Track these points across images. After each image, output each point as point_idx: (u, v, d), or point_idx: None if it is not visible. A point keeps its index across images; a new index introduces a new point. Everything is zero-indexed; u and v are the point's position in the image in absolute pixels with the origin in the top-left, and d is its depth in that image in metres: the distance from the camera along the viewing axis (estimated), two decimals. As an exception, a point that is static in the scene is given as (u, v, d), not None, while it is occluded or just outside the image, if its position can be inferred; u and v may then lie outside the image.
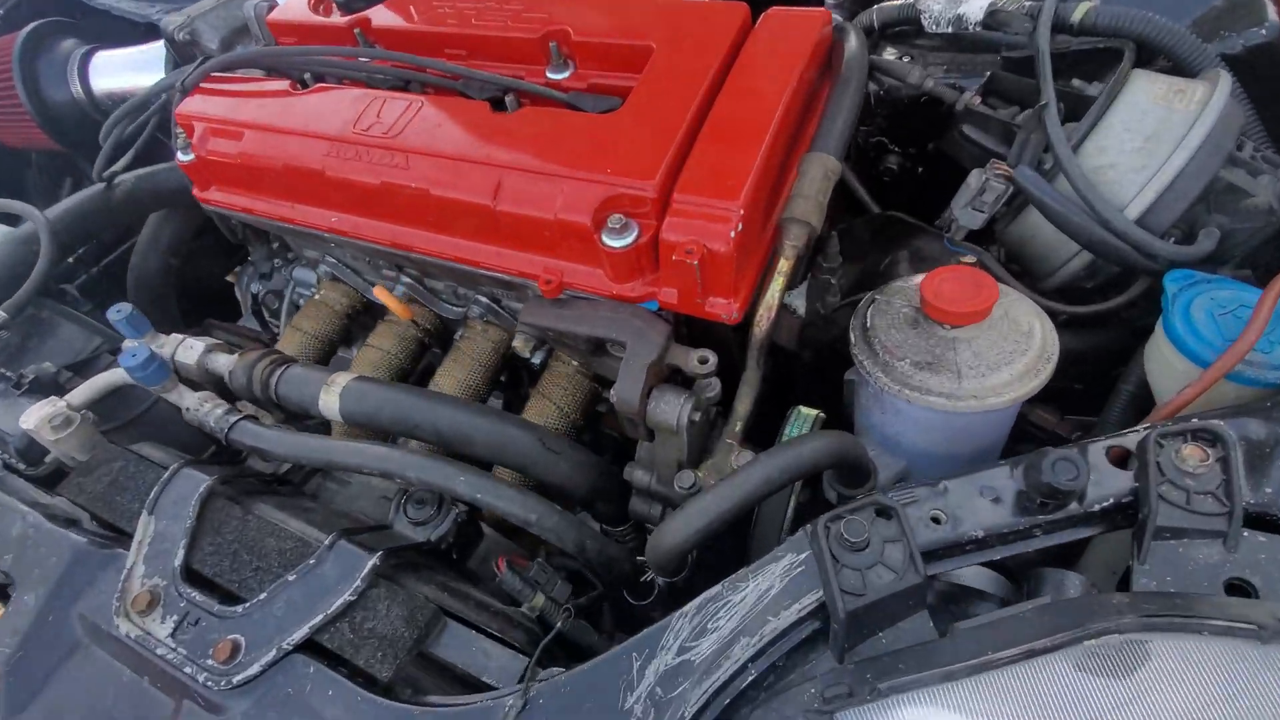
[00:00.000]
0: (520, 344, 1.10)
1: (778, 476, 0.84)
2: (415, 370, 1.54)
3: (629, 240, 0.96)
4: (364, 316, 1.65)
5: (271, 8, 1.53)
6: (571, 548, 0.96)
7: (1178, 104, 0.92)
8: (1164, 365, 0.90)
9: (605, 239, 0.97)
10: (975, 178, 1.04)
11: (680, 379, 1.00)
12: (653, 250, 0.99)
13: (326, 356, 1.56)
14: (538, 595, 0.95)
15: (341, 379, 1.12)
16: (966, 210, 1.02)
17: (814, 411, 1.07)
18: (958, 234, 1.03)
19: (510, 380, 1.68)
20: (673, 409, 0.95)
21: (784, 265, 0.97)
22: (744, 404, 1.03)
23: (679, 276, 0.97)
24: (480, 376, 1.41)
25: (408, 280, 1.48)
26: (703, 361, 0.96)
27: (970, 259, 1.04)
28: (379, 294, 1.29)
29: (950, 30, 1.12)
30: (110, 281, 1.88)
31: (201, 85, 1.41)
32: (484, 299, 1.40)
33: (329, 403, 1.10)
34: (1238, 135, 0.92)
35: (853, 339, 0.96)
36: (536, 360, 1.19)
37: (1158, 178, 0.91)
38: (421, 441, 1.16)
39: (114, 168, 1.57)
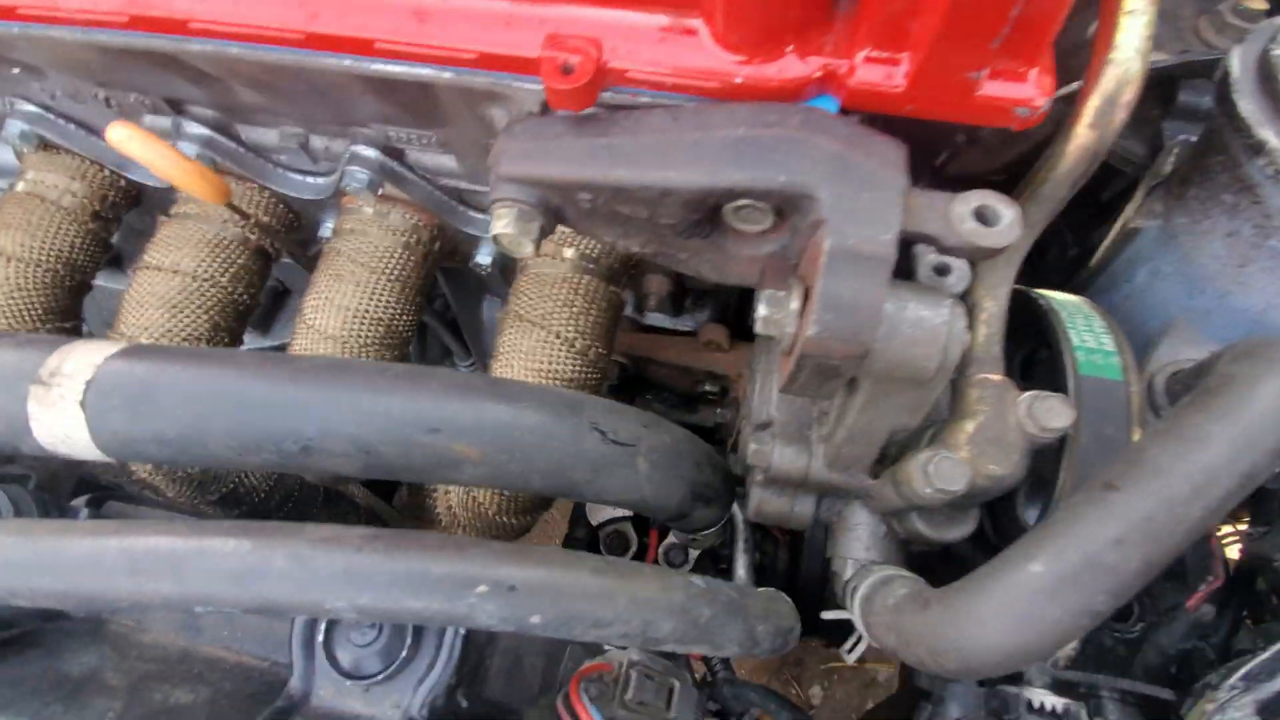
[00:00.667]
0: (507, 226, 0.49)
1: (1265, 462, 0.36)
2: (255, 306, 0.85)
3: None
4: (128, 213, 0.90)
5: None
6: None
7: None
8: None
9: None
10: None
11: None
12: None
13: (62, 304, 0.82)
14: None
15: (83, 357, 0.46)
16: None
17: (1076, 299, 0.58)
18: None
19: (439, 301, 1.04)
20: (933, 322, 0.42)
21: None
22: (992, 304, 0.52)
23: (920, 20, 0.39)
24: (392, 301, 0.77)
25: (199, 131, 0.75)
26: (984, 216, 0.42)
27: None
28: (151, 151, 0.56)
29: None
30: None
31: None
32: (373, 151, 0.73)
33: (59, 425, 0.44)
34: None
35: (1271, 140, 0.45)
36: (526, 255, 0.58)
37: None
38: (307, 473, 0.54)
39: None
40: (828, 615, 0.54)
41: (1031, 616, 0.37)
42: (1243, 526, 0.81)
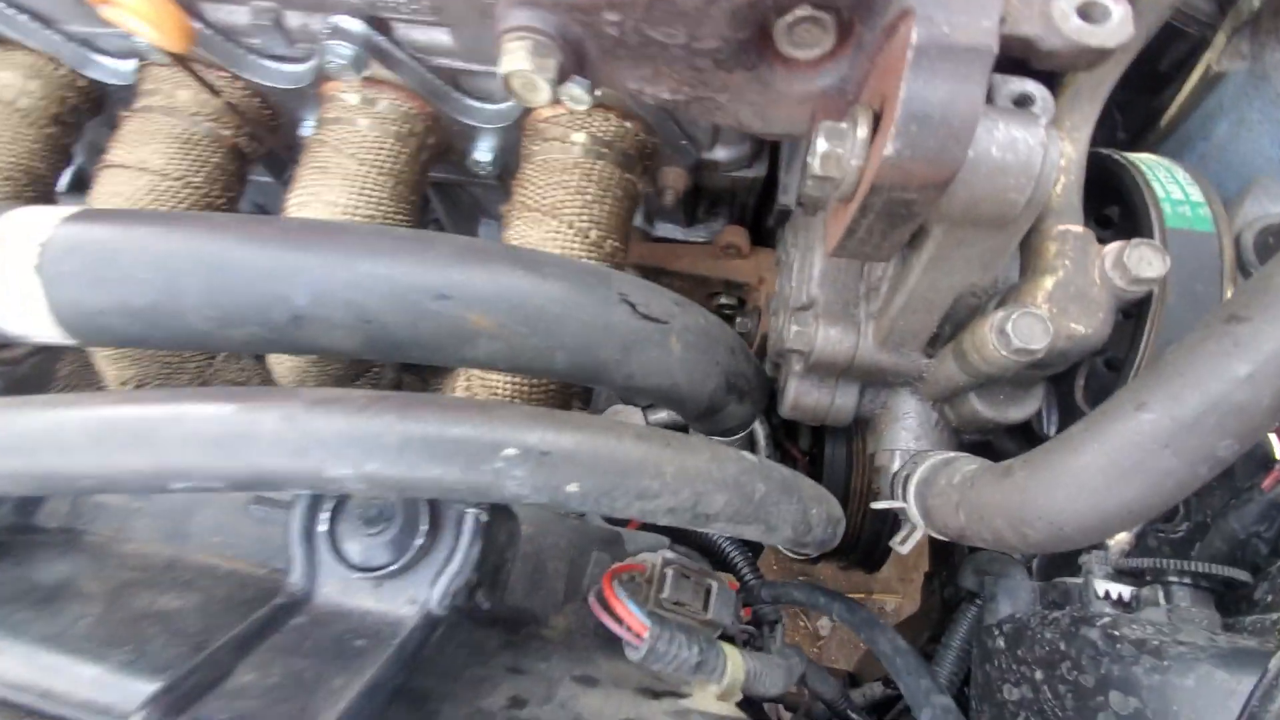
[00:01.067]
0: (521, 61, 0.42)
1: None
2: (227, 204, 0.78)
3: None
4: (90, 121, 0.82)
5: None
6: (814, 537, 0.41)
7: None
8: None
9: None
10: None
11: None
12: None
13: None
14: (722, 657, 0.41)
15: (35, 218, 0.40)
16: None
17: (1153, 156, 0.52)
18: None
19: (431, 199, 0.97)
20: (1027, 144, 0.36)
21: None
22: (1072, 147, 0.46)
23: None
24: (384, 197, 0.70)
25: (161, 6, 0.67)
26: (1091, 11, 0.36)
27: None
28: None
29: None
30: None
31: None
32: (357, 23, 0.65)
33: (12, 295, 0.38)
34: None
35: None
36: (570, 102, 0.51)
37: None
38: (301, 352, 0.48)
39: None
40: (880, 504, 0.49)
41: (1143, 468, 0.32)
42: None
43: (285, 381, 0.69)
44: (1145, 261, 0.41)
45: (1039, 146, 0.36)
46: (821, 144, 0.39)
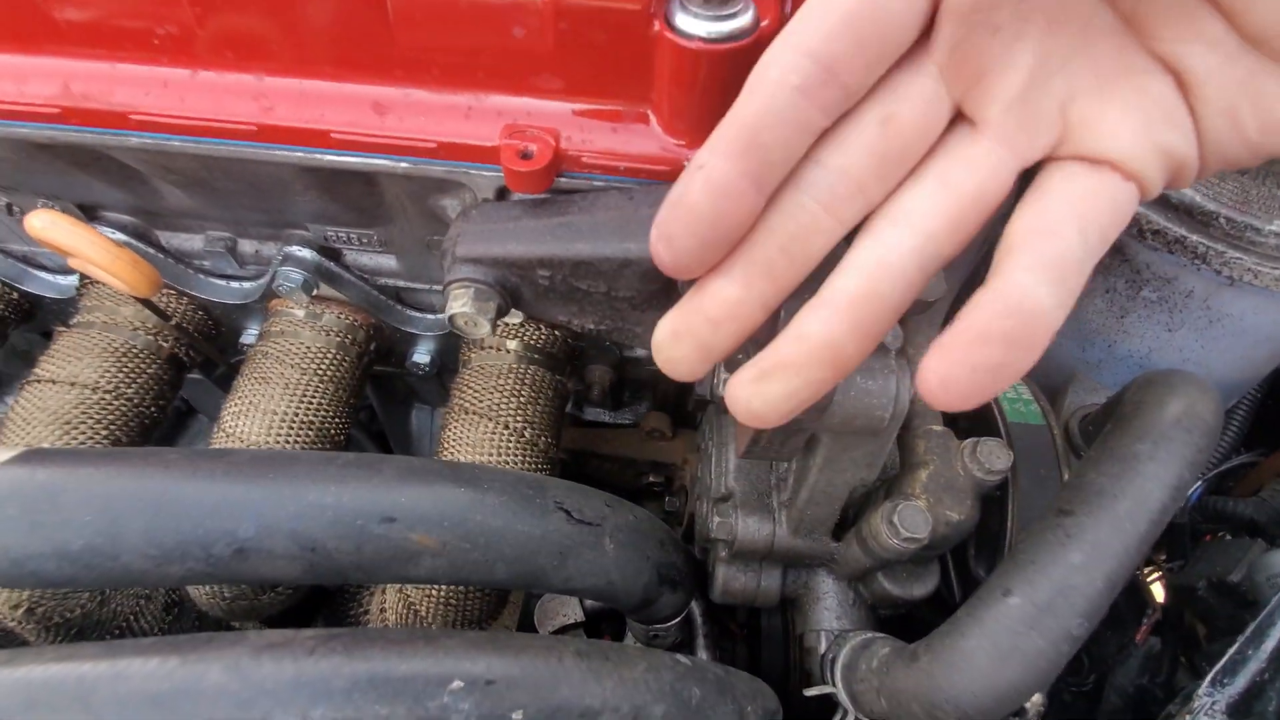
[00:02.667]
0: (465, 305, 0.49)
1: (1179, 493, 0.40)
2: (162, 420, 0.78)
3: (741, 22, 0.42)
4: (14, 330, 0.83)
5: None
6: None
7: None
8: None
9: (681, 21, 0.42)
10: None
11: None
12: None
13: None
14: None
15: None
16: None
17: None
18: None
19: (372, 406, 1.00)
20: (883, 373, 0.45)
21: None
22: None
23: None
24: (324, 403, 0.73)
25: (114, 236, 0.72)
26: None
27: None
28: (78, 237, 0.51)
29: None
30: None
31: None
32: (308, 251, 0.72)
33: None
34: None
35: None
36: (481, 335, 0.58)
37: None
38: (238, 582, 0.48)
39: None
40: (811, 691, 0.51)
41: (1018, 650, 0.38)
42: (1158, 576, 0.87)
43: (197, 598, 0.66)
44: (994, 456, 0.50)
45: (892, 374, 0.45)
46: (724, 374, 0.47)
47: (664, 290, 0.50)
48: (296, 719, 0.31)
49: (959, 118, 0.31)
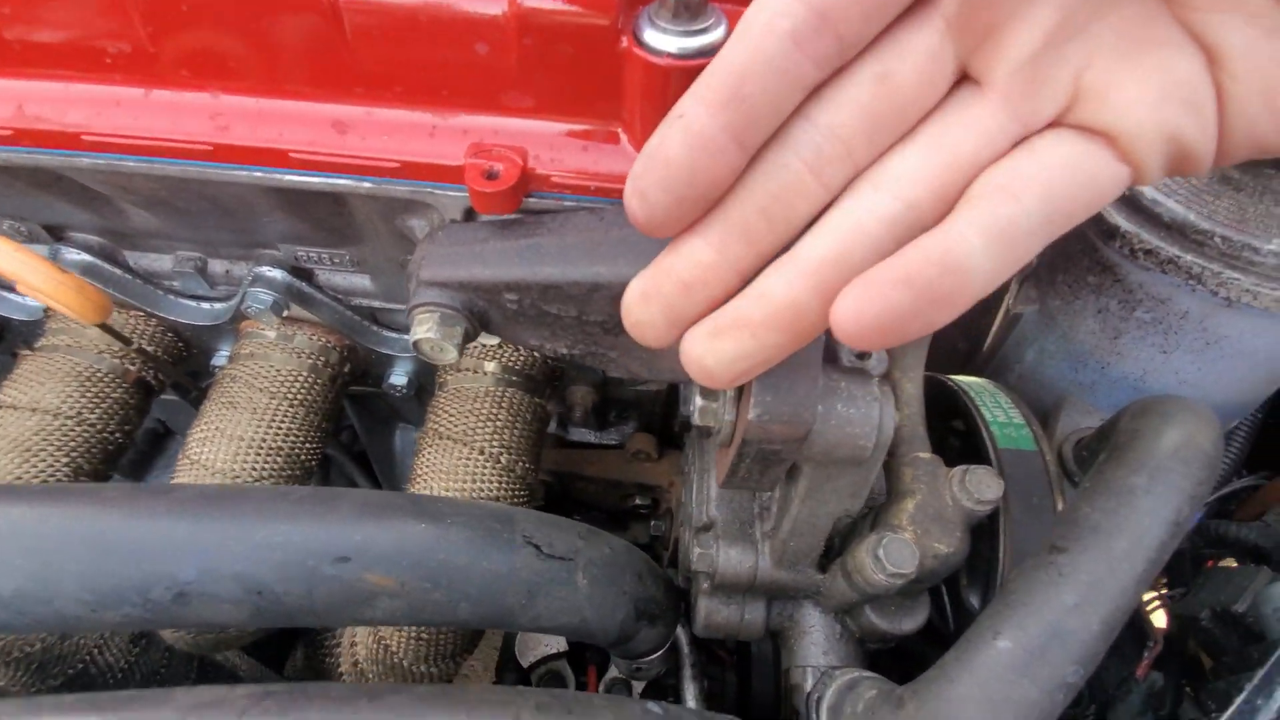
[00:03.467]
0: (429, 330, 0.47)
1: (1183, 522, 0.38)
2: (128, 446, 0.76)
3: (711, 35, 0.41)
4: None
5: None
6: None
7: None
8: None
9: (647, 35, 0.41)
10: None
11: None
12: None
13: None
14: None
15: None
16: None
17: (979, 379, 0.63)
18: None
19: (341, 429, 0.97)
20: (865, 399, 0.43)
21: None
22: (910, 385, 0.54)
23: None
24: (293, 428, 0.70)
25: (79, 258, 0.70)
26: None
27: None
28: (19, 263, 0.49)
29: None
30: None
31: None
32: (279, 272, 0.70)
33: None
34: None
35: (1121, 223, 0.52)
36: (448, 361, 0.55)
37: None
38: (179, 627, 0.46)
39: None
40: (796, 734, 0.49)
41: (1010, 699, 0.35)
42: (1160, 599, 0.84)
43: (162, 632, 0.63)
44: (984, 485, 0.48)
45: (875, 400, 0.43)
46: (698, 399, 0.45)
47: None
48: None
49: (964, 80, 0.28)
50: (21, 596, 0.36)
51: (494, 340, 0.71)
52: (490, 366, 0.74)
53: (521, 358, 0.75)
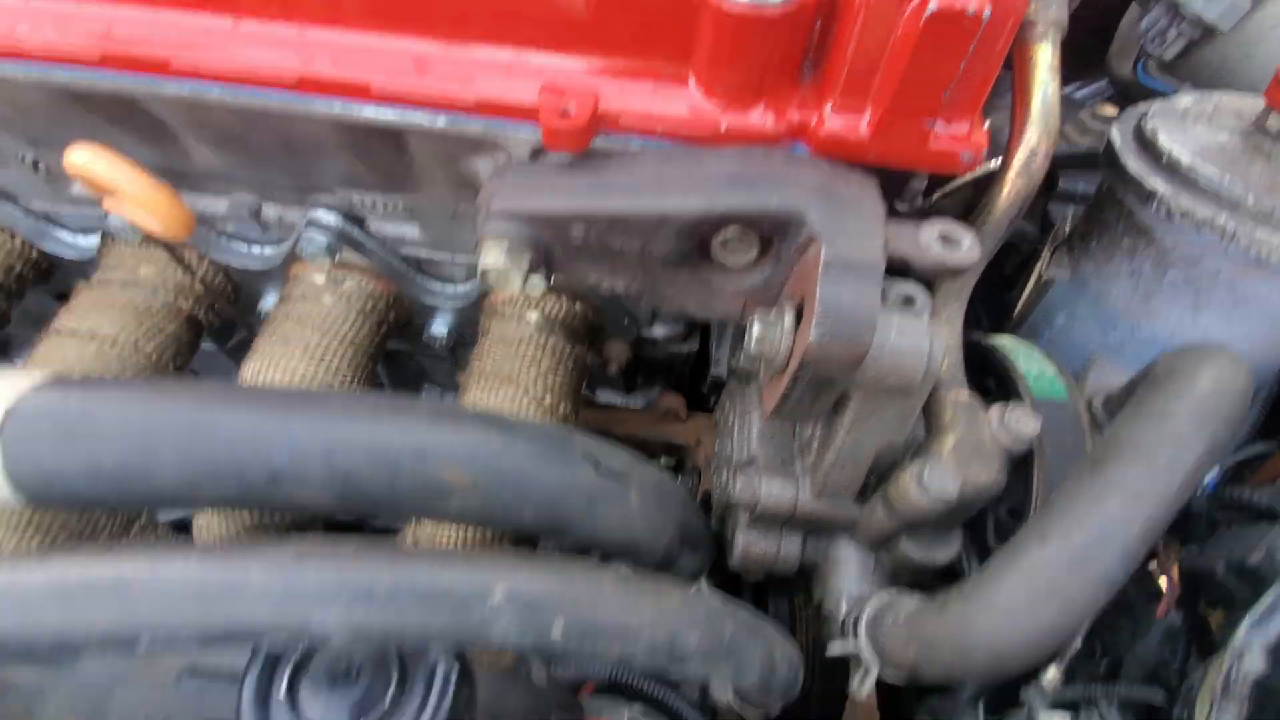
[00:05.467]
0: (497, 258, 0.49)
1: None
2: (175, 373, 0.78)
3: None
4: (32, 284, 0.83)
5: None
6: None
7: None
8: None
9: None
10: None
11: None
12: (812, 26, 0.46)
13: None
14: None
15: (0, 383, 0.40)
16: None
17: (1011, 338, 0.65)
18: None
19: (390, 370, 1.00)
20: (917, 329, 0.45)
21: (1045, 55, 0.53)
22: (950, 331, 0.57)
23: (880, 79, 0.46)
24: (343, 366, 0.73)
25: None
26: (948, 240, 0.47)
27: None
28: (120, 173, 0.50)
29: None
30: None
31: None
32: (333, 216, 0.72)
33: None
34: None
35: (1159, 187, 0.55)
36: (528, 289, 0.57)
37: None
38: (270, 509, 0.48)
39: None
40: (833, 650, 0.51)
41: (1056, 593, 0.38)
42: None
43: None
44: (1022, 421, 0.50)
45: (925, 332, 0.45)
46: (756, 329, 0.47)
47: (698, 248, 0.51)
48: (337, 621, 0.31)
49: None
50: (123, 469, 0.39)
51: (540, 290, 0.74)
52: (533, 315, 0.76)
53: (564, 309, 0.77)
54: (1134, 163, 0.57)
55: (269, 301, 0.83)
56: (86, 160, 0.48)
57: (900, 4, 0.42)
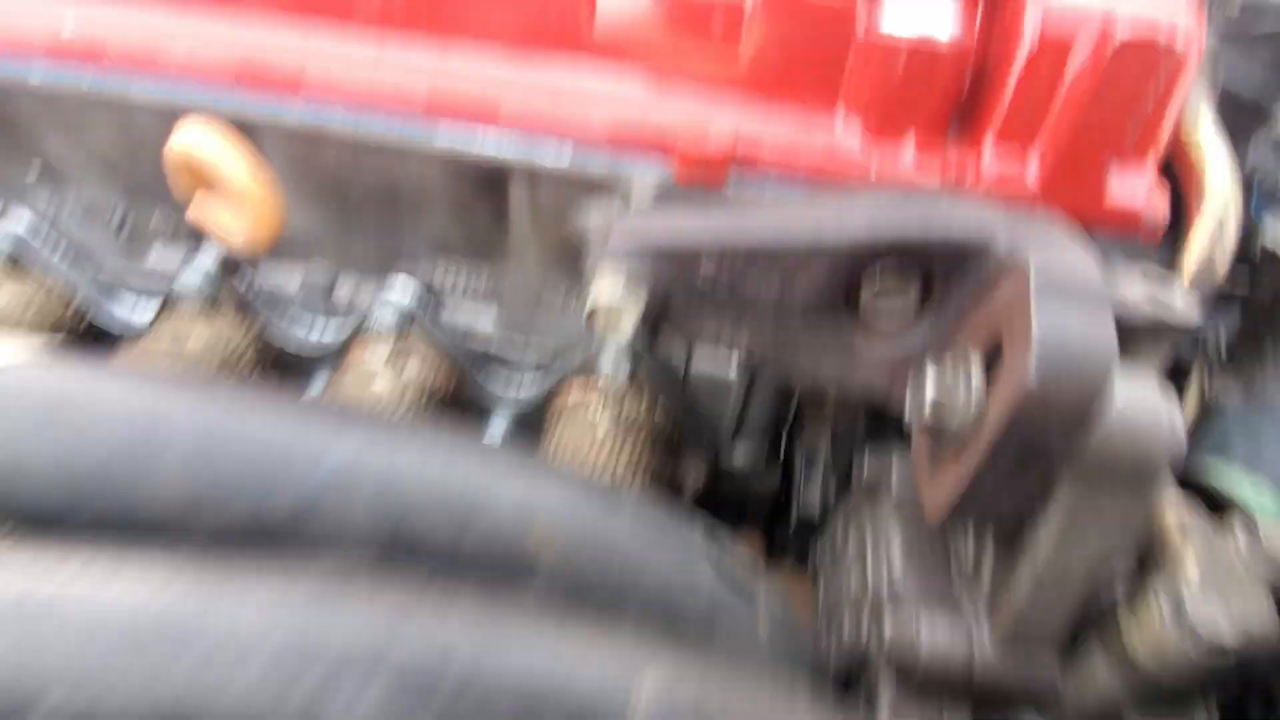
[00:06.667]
0: (612, 291, 0.42)
1: None
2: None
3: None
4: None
5: None
6: None
7: None
8: None
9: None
10: None
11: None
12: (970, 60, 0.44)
13: None
14: None
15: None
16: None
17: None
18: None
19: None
20: (1152, 388, 0.35)
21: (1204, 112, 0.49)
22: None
23: (1055, 117, 0.42)
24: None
25: (208, 269, 0.69)
26: (1156, 295, 0.39)
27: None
28: (227, 153, 0.45)
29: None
30: None
31: None
32: (410, 289, 0.67)
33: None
34: None
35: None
36: (622, 334, 0.48)
37: None
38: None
39: None
40: None
41: None
42: None
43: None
44: (1287, 542, 0.37)
45: (1162, 395, 0.35)
46: (931, 385, 0.38)
47: (843, 298, 0.43)
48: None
49: None
50: (110, 464, 0.28)
51: (621, 381, 0.65)
52: (606, 419, 0.67)
53: (641, 414, 0.68)
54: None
55: (316, 385, 0.75)
56: (198, 136, 0.44)
57: (1077, 30, 0.39)
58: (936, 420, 0.37)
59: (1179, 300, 0.39)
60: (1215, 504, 0.48)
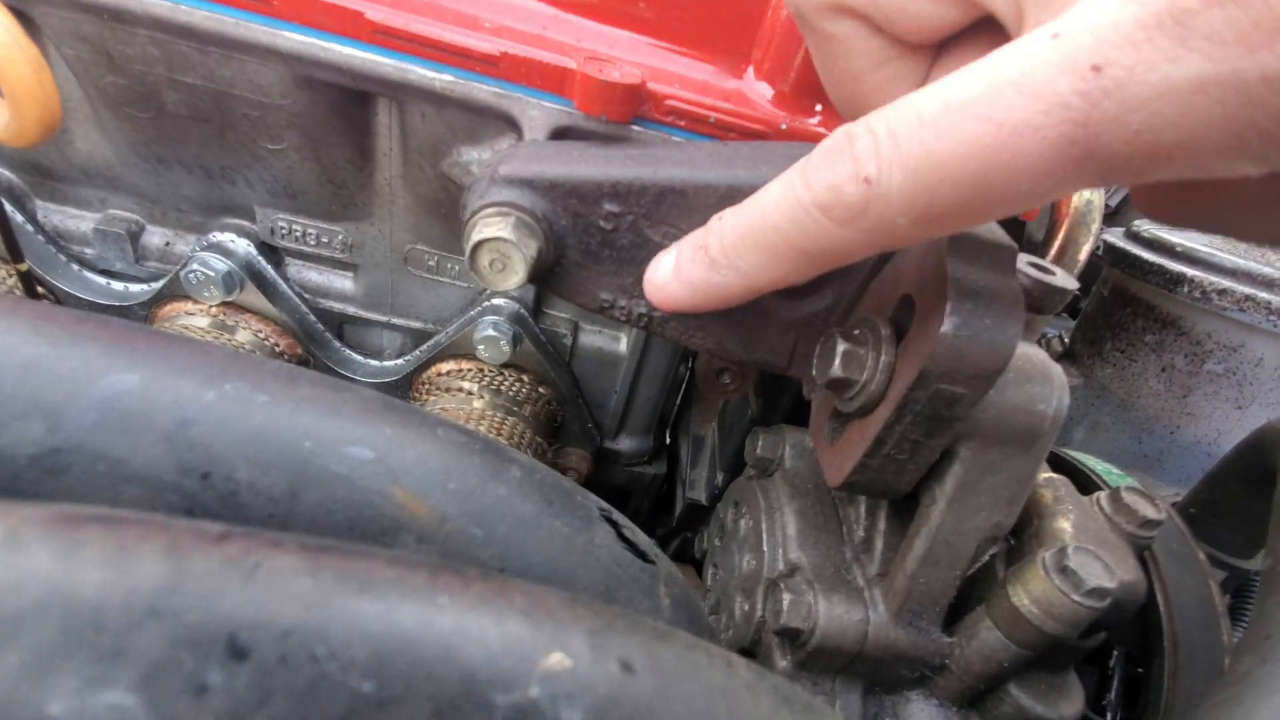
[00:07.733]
0: (501, 230, 0.36)
1: None
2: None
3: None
4: None
5: None
6: None
7: None
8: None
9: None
10: None
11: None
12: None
13: None
14: None
15: None
16: None
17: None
18: None
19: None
20: (1042, 355, 0.36)
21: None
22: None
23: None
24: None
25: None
26: (1039, 268, 0.40)
27: None
28: None
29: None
30: None
31: None
32: (245, 243, 0.56)
33: None
34: None
35: (1152, 259, 0.53)
36: (510, 285, 0.42)
37: None
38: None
39: None
40: None
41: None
42: None
43: None
44: (1143, 505, 0.40)
45: (1049, 362, 0.36)
46: (841, 346, 0.36)
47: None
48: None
49: None
50: None
51: (502, 358, 0.59)
52: (486, 394, 0.60)
53: (525, 390, 0.62)
54: (1149, 256, 0.57)
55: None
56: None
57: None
58: (847, 372, 0.36)
59: (1058, 272, 0.41)
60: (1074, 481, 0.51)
